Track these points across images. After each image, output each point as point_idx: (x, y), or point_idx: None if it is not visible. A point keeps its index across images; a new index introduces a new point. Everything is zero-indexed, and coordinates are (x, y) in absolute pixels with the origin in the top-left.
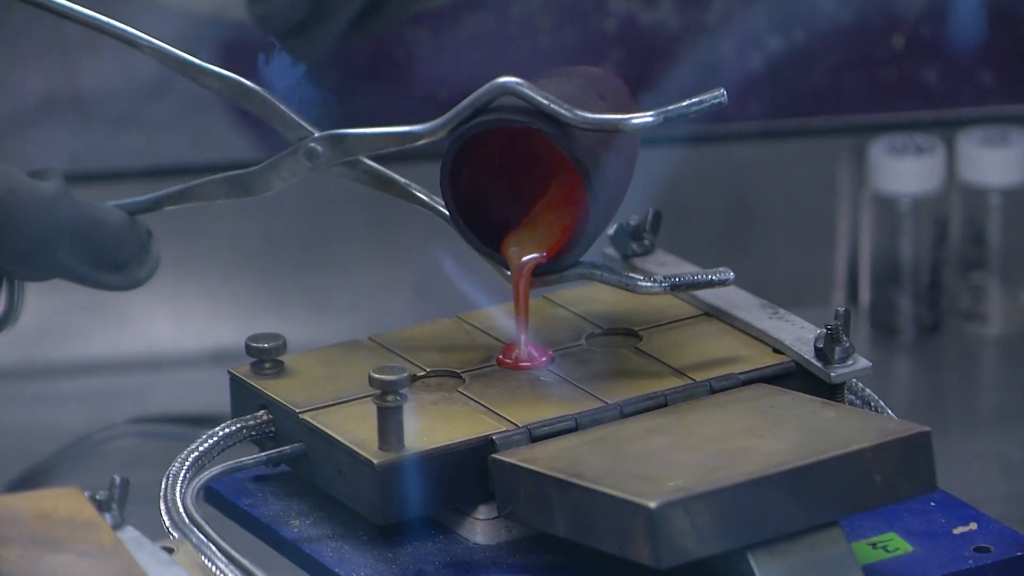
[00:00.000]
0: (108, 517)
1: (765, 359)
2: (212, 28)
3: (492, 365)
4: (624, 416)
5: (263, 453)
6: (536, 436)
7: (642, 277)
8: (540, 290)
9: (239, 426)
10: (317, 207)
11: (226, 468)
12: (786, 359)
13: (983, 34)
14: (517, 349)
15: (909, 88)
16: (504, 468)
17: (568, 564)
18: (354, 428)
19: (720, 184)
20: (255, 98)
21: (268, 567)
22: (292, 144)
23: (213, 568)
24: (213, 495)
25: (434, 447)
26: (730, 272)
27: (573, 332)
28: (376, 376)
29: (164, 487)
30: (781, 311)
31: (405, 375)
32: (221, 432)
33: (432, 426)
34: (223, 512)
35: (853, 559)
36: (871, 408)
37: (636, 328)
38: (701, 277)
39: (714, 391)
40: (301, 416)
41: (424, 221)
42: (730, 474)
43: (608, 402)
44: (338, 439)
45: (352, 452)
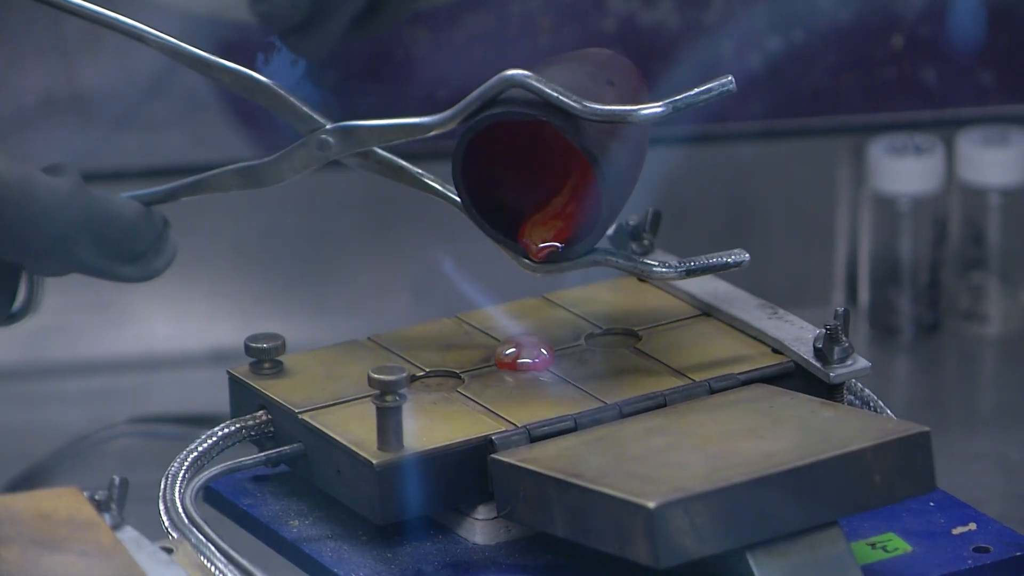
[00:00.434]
0: (107, 517)
1: (764, 359)
2: (211, 28)
3: (491, 365)
4: (623, 416)
5: (262, 453)
6: (535, 436)
7: (656, 263)
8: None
9: (238, 426)
10: (316, 207)
11: (225, 468)
12: (785, 359)
13: (982, 34)
14: (525, 347)
15: (908, 88)
16: (503, 468)
17: (567, 564)
18: (353, 428)
19: (719, 184)
20: (265, 92)
21: (267, 567)
22: (303, 136)
23: (212, 568)
24: (212, 495)
25: (433, 447)
26: (745, 253)
27: (572, 332)
28: (375, 376)
29: (163, 487)
30: (780, 311)
31: (404, 375)
32: (220, 432)
33: (431, 426)
34: (222, 512)
35: (852, 559)
36: (870, 408)
37: (635, 328)
38: (717, 260)
39: (713, 391)
40: (300, 416)
41: (424, 221)
42: (729, 474)
43: (607, 402)
44: (337, 439)
45: (351, 452)
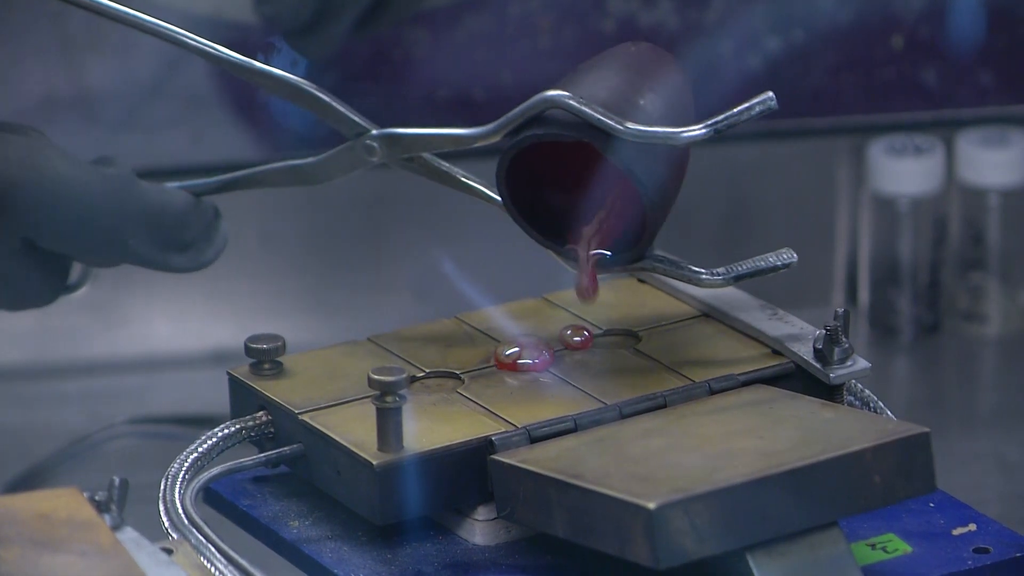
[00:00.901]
0: (107, 518)
1: (764, 360)
2: (211, 28)
3: (491, 366)
4: (623, 417)
5: (262, 454)
6: (535, 437)
7: (704, 271)
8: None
9: (238, 427)
10: (316, 208)
11: (225, 469)
12: (785, 360)
13: (982, 34)
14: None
15: (908, 88)
16: (503, 469)
17: (567, 565)
18: (353, 429)
19: (719, 184)
20: (310, 97)
21: (267, 568)
22: (350, 139)
23: (212, 569)
24: (212, 496)
25: (433, 448)
26: (793, 254)
27: (572, 333)
28: (375, 377)
29: (163, 488)
30: (780, 312)
31: (404, 376)
32: (220, 433)
33: (431, 427)
34: (222, 513)
35: (852, 560)
36: (870, 409)
37: (635, 329)
38: (764, 264)
39: (713, 392)
40: (300, 417)
41: (423, 221)
42: (729, 475)
43: (607, 403)
44: (337, 440)
45: (351, 453)
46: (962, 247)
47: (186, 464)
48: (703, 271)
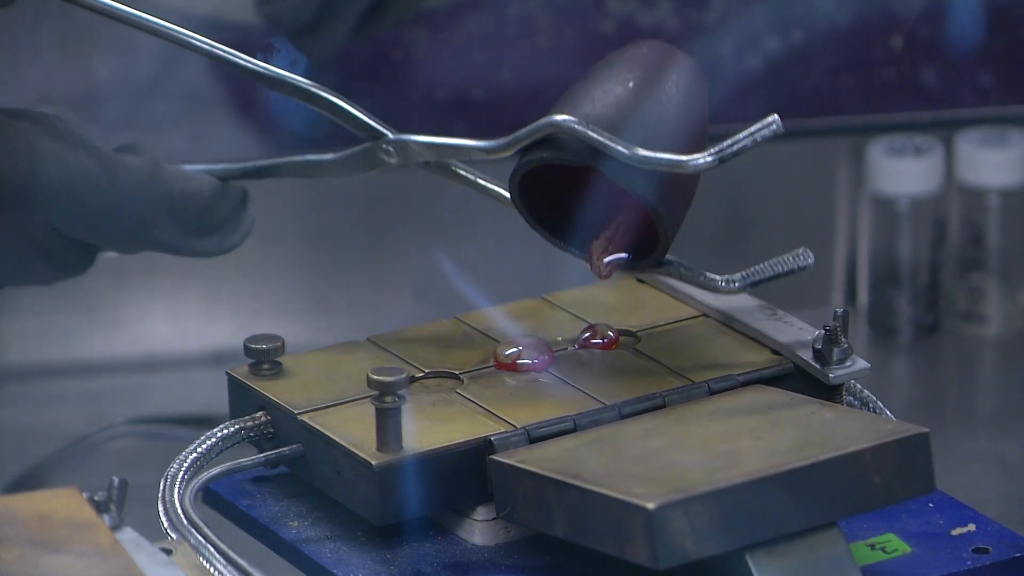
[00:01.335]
0: (106, 518)
1: (763, 360)
2: (211, 29)
3: (490, 366)
4: (622, 417)
5: (261, 454)
6: (534, 437)
7: (720, 277)
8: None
9: (237, 427)
10: (315, 208)
11: (224, 469)
12: (784, 360)
13: (982, 35)
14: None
15: (908, 89)
16: (502, 469)
17: (567, 565)
18: (352, 429)
19: (719, 185)
20: (326, 103)
21: (266, 568)
22: (366, 141)
23: (211, 569)
24: (211, 496)
25: (432, 448)
26: (810, 254)
27: (571, 333)
28: (374, 377)
29: (162, 488)
30: (779, 312)
31: (403, 376)
32: (219, 433)
33: (430, 427)
34: (221, 513)
35: (851, 560)
36: (869, 409)
37: (634, 329)
38: (780, 267)
39: (712, 392)
40: (299, 417)
41: (422, 222)
42: (728, 475)
43: (606, 403)
44: (336, 440)
45: (350, 453)
46: (961, 247)
47: (185, 464)
48: (718, 277)
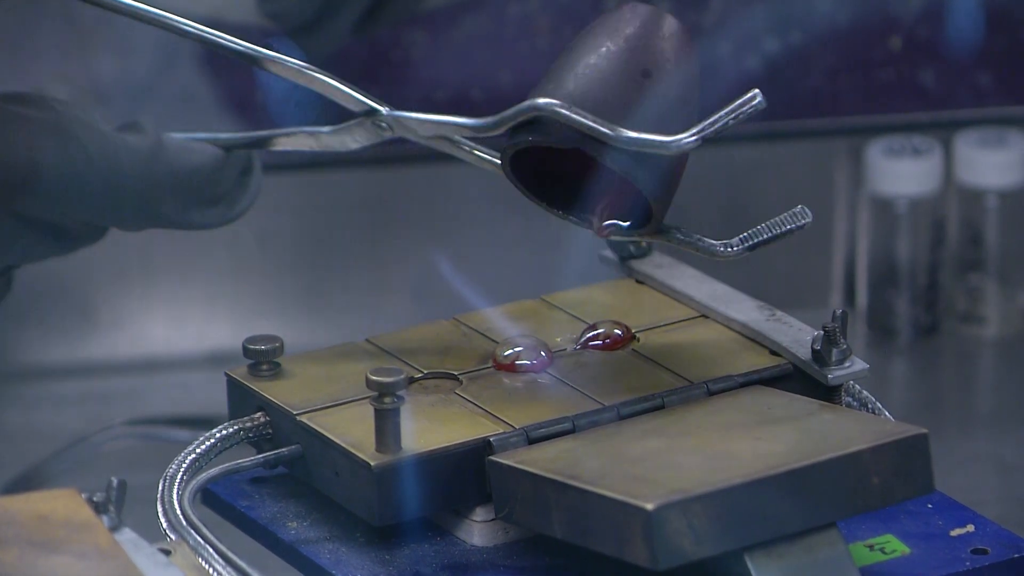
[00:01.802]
0: (105, 519)
1: (762, 361)
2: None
3: (489, 367)
4: (621, 418)
5: (260, 455)
6: (533, 438)
7: (719, 243)
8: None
9: (236, 428)
10: (313, 209)
11: (223, 470)
12: (783, 361)
13: (980, 35)
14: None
15: (906, 89)
16: (501, 470)
17: (565, 566)
18: (351, 430)
19: (717, 185)
20: (318, 82)
21: (265, 569)
22: (360, 116)
23: (210, 570)
24: (210, 497)
25: (431, 449)
26: (807, 212)
27: (570, 334)
28: (373, 378)
29: (161, 489)
30: (778, 313)
31: (402, 377)
32: (218, 434)
33: (429, 428)
34: (220, 514)
35: (850, 561)
36: (868, 410)
37: (633, 330)
38: (779, 228)
39: (711, 393)
40: (298, 418)
41: (421, 222)
42: (727, 476)
43: (605, 404)
44: (335, 441)
45: (349, 454)
46: (960, 248)
47: (184, 465)
48: (716, 243)
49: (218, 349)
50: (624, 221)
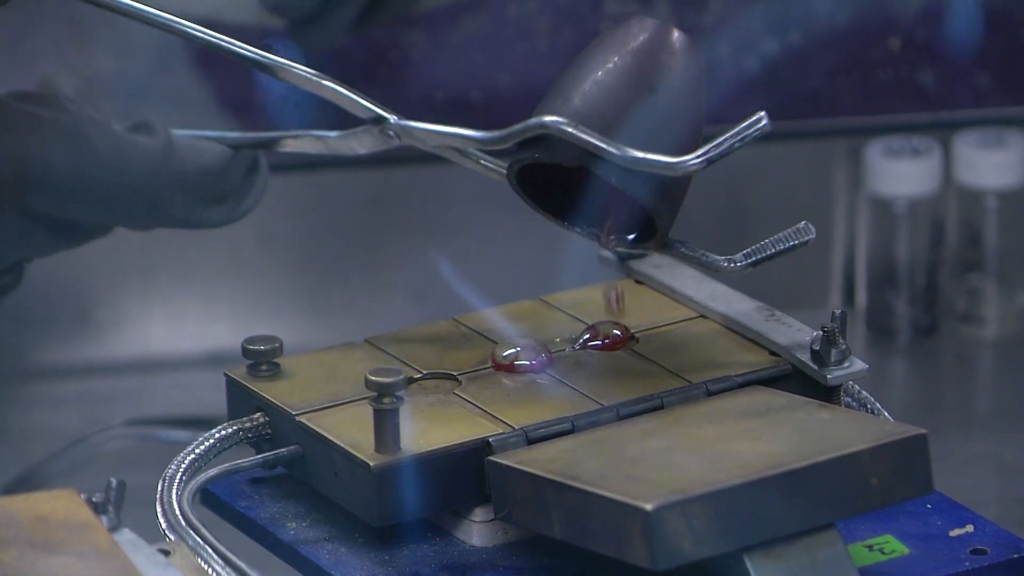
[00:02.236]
0: (104, 519)
1: (761, 361)
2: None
3: (488, 367)
4: (620, 418)
5: (259, 455)
6: (532, 438)
7: (723, 258)
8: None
9: (235, 428)
10: (313, 209)
11: (222, 470)
12: (782, 361)
13: (979, 36)
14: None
15: (905, 90)
16: (500, 470)
17: (565, 566)
18: (350, 430)
19: (717, 186)
20: (328, 90)
21: (265, 569)
22: (367, 123)
23: (209, 570)
24: (209, 497)
25: (430, 449)
26: (811, 228)
27: (569, 334)
28: (372, 378)
29: (160, 489)
30: (777, 313)
31: (401, 377)
32: (217, 434)
33: (428, 428)
34: (219, 514)
35: (849, 561)
36: (867, 410)
37: (632, 330)
38: (783, 244)
39: (711, 393)
40: (297, 418)
41: (420, 223)
42: (726, 476)
43: (604, 404)
44: (334, 441)
45: (348, 454)
46: (959, 249)
47: (183, 465)
48: (720, 258)
49: (217, 349)
50: (629, 234)
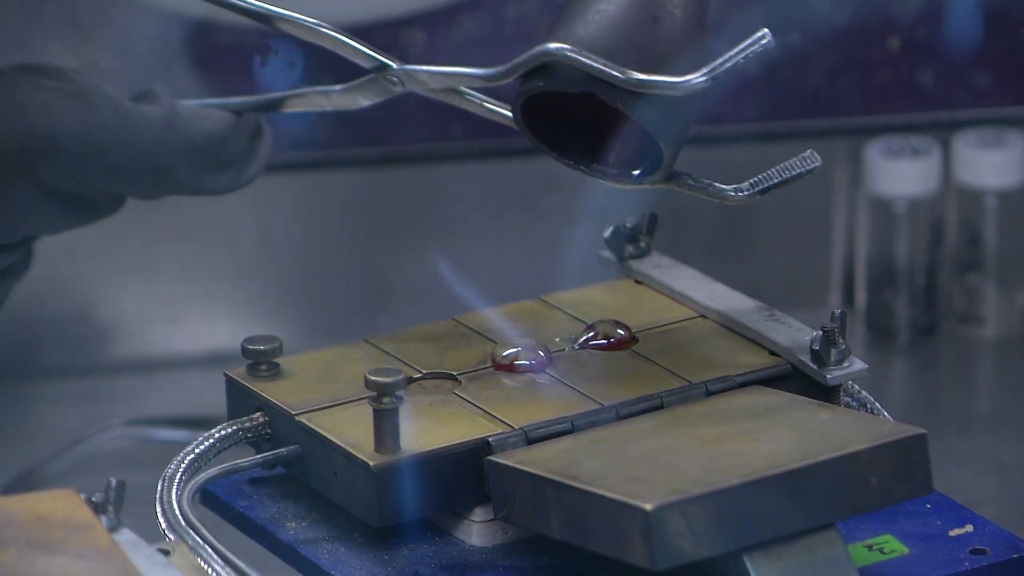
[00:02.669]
0: (104, 519)
1: (761, 361)
2: (208, 30)
3: (488, 367)
4: (620, 418)
5: (259, 455)
6: (532, 438)
7: (729, 187)
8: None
9: (235, 428)
10: (313, 209)
11: (222, 470)
12: (782, 361)
13: (979, 36)
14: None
15: (905, 90)
16: (500, 470)
17: (564, 566)
18: (350, 430)
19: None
20: (328, 39)
21: (264, 569)
22: (371, 72)
23: (209, 571)
24: (209, 497)
25: (430, 449)
26: (816, 156)
27: (569, 334)
28: (372, 378)
29: (160, 489)
30: (777, 313)
31: (401, 377)
32: (217, 434)
33: (428, 428)
34: (219, 514)
35: (849, 561)
36: (867, 410)
37: (632, 330)
38: (788, 172)
39: (710, 393)
40: (297, 418)
41: (420, 223)
42: (726, 476)
43: (604, 404)
44: (334, 441)
45: (348, 454)
46: (959, 249)
47: (183, 465)
48: (726, 187)
49: (217, 349)
50: (635, 169)
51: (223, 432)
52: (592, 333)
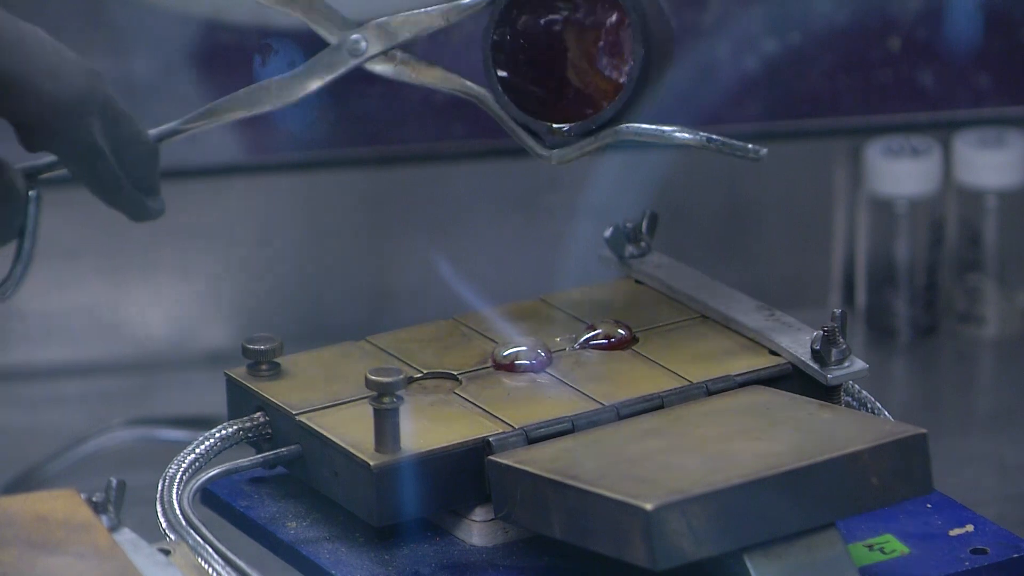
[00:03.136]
0: (104, 519)
1: (761, 361)
2: (207, 30)
3: (488, 367)
4: (620, 418)
5: (260, 455)
6: (532, 438)
7: (679, 130)
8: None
9: (236, 428)
10: (313, 209)
11: (223, 470)
12: (782, 361)
13: (979, 36)
14: None
15: (905, 90)
16: (500, 470)
17: (564, 566)
18: (350, 430)
19: (716, 186)
20: (303, 2)
21: (265, 569)
22: (337, 39)
23: (209, 570)
24: (210, 497)
25: (430, 449)
26: (762, 149)
27: (569, 334)
28: (372, 378)
29: (161, 489)
30: (777, 313)
31: (401, 377)
32: (218, 434)
33: (428, 428)
34: (220, 514)
35: (849, 561)
36: (867, 410)
37: (633, 330)
38: (738, 143)
39: (711, 393)
40: (297, 418)
41: (421, 223)
42: (726, 476)
43: (604, 404)
44: (334, 441)
45: (348, 454)
46: (959, 248)
47: (184, 465)
48: (675, 128)
49: (217, 349)
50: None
51: (224, 432)
52: (593, 333)
